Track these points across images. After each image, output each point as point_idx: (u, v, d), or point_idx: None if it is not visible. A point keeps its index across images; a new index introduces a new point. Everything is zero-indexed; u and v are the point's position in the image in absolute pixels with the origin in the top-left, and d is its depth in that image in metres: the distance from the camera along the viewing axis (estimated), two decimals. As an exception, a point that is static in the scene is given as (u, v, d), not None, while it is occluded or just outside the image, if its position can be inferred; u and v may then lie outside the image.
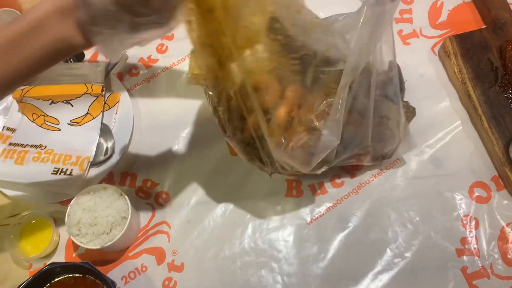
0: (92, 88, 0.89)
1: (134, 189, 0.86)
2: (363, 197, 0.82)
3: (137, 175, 0.87)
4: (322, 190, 0.84)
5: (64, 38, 0.49)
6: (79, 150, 0.86)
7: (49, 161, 0.85)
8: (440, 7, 0.99)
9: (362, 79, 0.66)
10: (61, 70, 0.93)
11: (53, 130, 0.90)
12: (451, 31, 0.96)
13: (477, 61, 0.89)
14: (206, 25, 0.54)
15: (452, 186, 0.82)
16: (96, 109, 0.89)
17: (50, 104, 0.90)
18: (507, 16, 0.92)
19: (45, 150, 0.87)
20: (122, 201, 0.76)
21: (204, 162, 0.87)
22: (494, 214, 0.80)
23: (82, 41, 0.49)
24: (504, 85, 0.86)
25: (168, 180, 0.86)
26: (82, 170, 0.84)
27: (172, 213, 0.83)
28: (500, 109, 0.85)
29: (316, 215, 0.82)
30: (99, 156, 0.87)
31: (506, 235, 0.78)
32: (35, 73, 0.53)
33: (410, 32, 0.97)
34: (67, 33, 0.49)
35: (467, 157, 0.85)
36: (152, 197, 0.85)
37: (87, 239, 0.74)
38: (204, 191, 0.85)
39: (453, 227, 0.79)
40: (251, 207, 0.83)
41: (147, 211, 0.84)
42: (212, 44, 0.56)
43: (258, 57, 0.58)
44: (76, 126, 0.90)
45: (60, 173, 0.84)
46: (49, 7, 0.48)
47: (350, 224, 0.80)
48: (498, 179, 0.83)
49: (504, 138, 0.82)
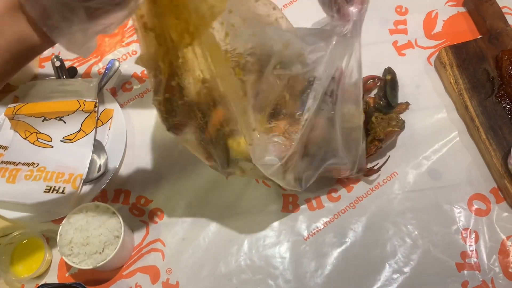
0: (85, 105, 0.88)
1: (128, 206, 0.85)
2: (360, 211, 0.81)
3: (131, 192, 0.86)
4: (318, 204, 0.82)
5: (21, 38, 0.46)
6: (72, 168, 0.85)
7: (42, 179, 0.84)
8: (435, 18, 0.99)
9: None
10: (54, 87, 0.92)
11: (45, 147, 0.89)
12: (447, 41, 0.96)
13: (473, 71, 0.88)
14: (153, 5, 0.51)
15: (450, 198, 0.81)
16: (89, 126, 0.88)
17: (42, 121, 0.89)
18: (502, 26, 0.92)
19: (37, 168, 0.86)
20: (114, 220, 0.75)
21: (198, 178, 0.85)
22: (494, 227, 0.78)
23: (41, 40, 0.46)
24: (501, 95, 0.85)
25: (162, 197, 0.84)
26: (75, 187, 0.83)
27: (166, 230, 0.82)
28: (497, 119, 0.84)
29: (313, 230, 0.80)
30: (92, 173, 0.86)
31: (507, 249, 0.77)
32: (3, 79, 0.50)
33: (405, 43, 0.96)
34: (23, 33, 0.45)
35: (465, 168, 0.84)
36: (146, 214, 0.83)
37: (79, 259, 0.73)
38: (199, 208, 0.83)
39: (452, 241, 0.78)
40: (247, 223, 0.82)
41: (141, 228, 0.83)
42: (156, 28, 0.54)
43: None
44: (69, 143, 0.88)
45: (52, 191, 0.83)
46: (1, 7, 0.45)
47: (347, 239, 0.79)
48: (497, 191, 0.81)
49: (502, 149, 0.81)
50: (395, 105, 0.88)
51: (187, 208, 0.83)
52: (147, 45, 0.56)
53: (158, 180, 0.86)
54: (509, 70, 0.85)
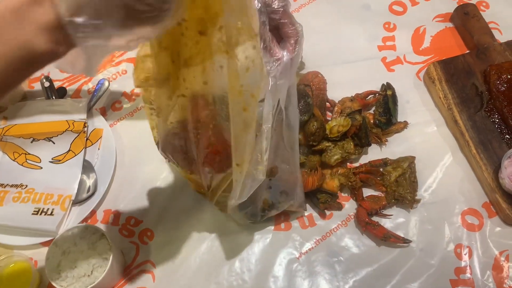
0: (74, 125, 0.87)
1: (118, 227, 0.83)
2: (352, 229, 0.80)
3: (121, 212, 0.85)
4: (310, 222, 0.82)
5: (23, 44, 0.39)
6: (61, 189, 0.84)
7: (30, 201, 0.83)
8: (423, 33, 0.99)
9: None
10: (43, 107, 0.91)
11: (34, 168, 0.88)
12: (435, 56, 0.96)
13: (461, 86, 0.89)
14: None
15: (443, 214, 0.81)
16: (78, 146, 0.88)
17: (31, 142, 0.89)
18: (489, 41, 0.93)
19: (26, 189, 0.85)
20: (103, 241, 0.74)
21: (188, 198, 0.84)
22: (487, 242, 0.78)
23: (47, 47, 0.39)
24: (490, 109, 0.86)
25: (152, 217, 0.83)
26: (63, 209, 0.82)
27: (156, 251, 0.81)
28: (487, 134, 0.84)
29: (305, 249, 0.80)
30: (82, 194, 0.85)
31: (500, 264, 0.76)
32: (4, 90, 0.42)
33: (394, 59, 0.97)
34: (26, 38, 0.38)
35: (457, 183, 0.83)
36: (135, 235, 0.82)
37: (67, 283, 0.71)
38: (189, 227, 0.82)
39: (446, 257, 0.77)
40: (238, 243, 0.81)
41: (131, 249, 0.81)
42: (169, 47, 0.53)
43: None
44: (58, 163, 0.88)
45: (41, 213, 0.82)
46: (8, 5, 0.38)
47: (340, 257, 0.78)
48: (490, 206, 0.81)
49: (492, 163, 0.81)
50: (395, 122, 0.88)
51: (178, 228, 0.82)
52: (159, 64, 0.56)
53: (148, 200, 0.85)
54: (497, 85, 0.85)
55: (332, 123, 0.85)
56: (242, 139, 0.56)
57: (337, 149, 0.84)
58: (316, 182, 0.79)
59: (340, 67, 0.96)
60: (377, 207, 0.80)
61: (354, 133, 0.85)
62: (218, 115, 0.60)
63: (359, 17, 1.02)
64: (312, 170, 0.81)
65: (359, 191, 0.82)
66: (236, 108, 0.54)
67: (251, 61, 0.51)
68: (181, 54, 0.54)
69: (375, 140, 0.87)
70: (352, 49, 0.98)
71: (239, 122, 0.55)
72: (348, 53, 0.98)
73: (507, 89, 0.85)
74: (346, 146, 0.83)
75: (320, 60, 0.96)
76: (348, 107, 0.88)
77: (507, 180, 0.76)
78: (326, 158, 0.83)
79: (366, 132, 0.84)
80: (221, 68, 0.53)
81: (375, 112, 0.90)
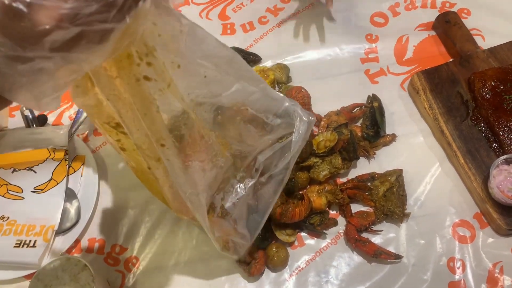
0: (55, 153, 0.86)
1: (103, 255, 0.81)
2: (342, 246, 0.79)
3: (105, 240, 0.83)
4: (300, 242, 0.80)
5: None
6: (43, 219, 0.83)
7: (12, 233, 0.81)
8: (405, 43, 0.99)
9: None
10: (23, 136, 0.90)
11: (16, 199, 0.86)
12: (419, 66, 0.95)
13: (446, 95, 0.88)
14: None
15: (433, 227, 0.79)
16: (60, 174, 0.86)
17: (12, 172, 0.87)
18: (472, 48, 0.92)
19: (7, 221, 0.83)
20: (86, 273, 0.72)
21: (175, 223, 0.83)
22: (480, 254, 0.76)
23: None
24: (476, 118, 0.84)
25: (137, 244, 0.82)
26: (46, 240, 0.80)
27: (143, 279, 0.79)
28: (474, 143, 0.82)
29: (295, 269, 0.78)
30: (65, 223, 0.83)
31: (495, 276, 0.74)
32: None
33: (377, 70, 0.96)
34: None
35: (446, 195, 0.82)
36: (121, 263, 0.80)
37: (50, 317, 0.69)
38: (176, 253, 0.80)
39: (439, 271, 0.75)
40: (228, 266, 0.79)
41: (117, 278, 0.79)
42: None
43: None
44: (40, 193, 0.86)
45: (23, 245, 0.80)
46: None
47: (330, 277, 0.76)
48: (481, 216, 0.79)
49: (481, 172, 0.80)
50: (383, 134, 0.87)
51: (164, 254, 0.80)
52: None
53: (132, 226, 0.83)
54: (482, 92, 0.84)
55: (319, 138, 0.83)
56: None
57: (325, 164, 0.82)
58: (304, 212, 0.77)
59: (324, 81, 0.95)
60: (366, 223, 0.78)
61: (341, 147, 0.83)
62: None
63: (340, 30, 1.01)
64: (299, 200, 0.79)
65: (347, 207, 0.80)
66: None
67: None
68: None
69: (363, 153, 0.86)
70: (335, 63, 0.97)
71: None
72: (331, 67, 0.97)
73: (492, 96, 0.84)
74: (334, 161, 0.82)
75: (303, 74, 0.96)
76: (334, 121, 0.87)
77: (496, 189, 0.74)
78: (314, 174, 0.82)
79: (354, 146, 0.83)
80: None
81: (363, 125, 0.88)
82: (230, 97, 0.60)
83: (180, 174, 0.58)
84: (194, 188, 0.60)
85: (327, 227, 0.80)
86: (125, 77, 0.48)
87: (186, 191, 0.59)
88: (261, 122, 0.66)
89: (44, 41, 0.34)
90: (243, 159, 0.67)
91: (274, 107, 0.66)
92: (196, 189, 0.60)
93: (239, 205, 0.68)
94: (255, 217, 0.69)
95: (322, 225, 0.79)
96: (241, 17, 1.05)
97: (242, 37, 1.02)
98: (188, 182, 0.59)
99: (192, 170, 0.60)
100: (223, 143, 0.65)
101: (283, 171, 0.68)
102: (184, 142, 0.60)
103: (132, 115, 0.51)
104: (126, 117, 0.52)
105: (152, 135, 0.53)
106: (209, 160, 0.63)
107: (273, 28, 1.03)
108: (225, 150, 0.65)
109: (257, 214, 0.69)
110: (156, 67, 0.49)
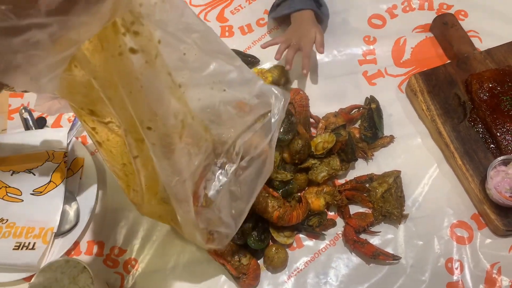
0: (54, 155, 0.86)
1: (102, 257, 0.82)
2: (340, 248, 0.79)
3: (104, 242, 0.83)
4: (298, 243, 0.80)
5: None
6: (43, 221, 0.83)
7: (11, 236, 0.81)
8: (403, 45, 0.99)
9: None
10: (22, 139, 0.90)
11: (15, 201, 0.86)
12: (416, 68, 0.96)
13: (444, 97, 0.88)
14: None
15: (431, 228, 0.79)
16: (59, 176, 0.86)
17: (11, 174, 0.87)
18: (469, 50, 0.92)
19: (6, 224, 0.83)
20: (85, 275, 0.72)
21: (173, 224, 0.83)
22: (478, 255, 0.76)
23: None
24: (473, 119, 0.85)
25: (136, 246, 0.82)
26: (45, 242, 0.80)
27: (142, 280, 0.79)
28: (472, 144, 0.83)
29: (294, 271, 0.78)
30: (64, 225, 0.83)
31: (493, 277, 0.74)
32: None
33: (375, 72, 0.96)
34: None
35: (444, 196, 0.82)
36: (120, 265, 0.80)
37: (49, 320, 0.69)
38: (175, 255, 0.80)
39: (437, 272, 0.76)
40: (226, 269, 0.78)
41: (116, 280, 0.79)
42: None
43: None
44: (39, 195, 0.86)
45: (22, 248, 0.80)
46: None
47: (329, 278, 0.76)
48: (479, 217, 0.80)
49: (479, 174, 0.80)
50: (381, 135, 0.87)
51: (163, 257, 0.80)
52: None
53: (131, 228, 0.83)
54: (479, 94, 0.85)
55: (317, 140, 0.84)
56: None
57: (323, 166, 0.82)
58: (302, 215, 0.77)
59: (322, 83, 0.96)
60: (364, 224, 0.78)
61: (340, 149, 0.84)
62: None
63: (338, 32, 1.01)
64: (297, 202, 0.79)
65: (346, 208, 0.80)
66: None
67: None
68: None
69: (361, 154, 0.86)
70: (332, 64, 0.98)
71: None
72: (329, 69, 0.97)
73: (489, 98, 0.84)
74: (332, 163, 0.82)
75: (302, 76, 0.96)
76: (332, 123, 0.88)
77: (494, 190, 0.75)
78: (313, 176, 0.82)
79: (352, 148, 0.83)
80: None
81: (361, 126, 0.89)
82: (208, 77, 0.59)
83: (165, 160, 0.55)
84: (180, 174, 0.57)
85: (325, 228, 0.80)
86: (109, 49, 0.45)
87: (172, 179, 0.57)
88: (240, 103, 0.64)
89: (40, 2, 0.32)
90: (223, 143, 0.65)
91: (249, 87, 0.64)
92: (182, 175, 0.58)
93: (222, 192, 0.66)
94: (238, 204, 0.68)
95: (320, 226, 0.79)
96: (239, 19, 1.05)
97: (241, 40, 1.02)
98: (174, 168, 0.57)
99: (178, 154, 0.57)
100: (204, 127, 0.63)
101: (264, 152, 0.66)
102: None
103: (115, 94, 0.49)
104: (111, 97, 0.50)
105: (137, 116, 0.51)
106: (195, 143, 0.61)
107: (271, 30, 1.03)
108: (207, 134, 0.63)
109: (241, 200, 0.68)
110: (143, 37, 0.47)
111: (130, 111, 0.50)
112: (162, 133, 0.53)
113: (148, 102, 0.51)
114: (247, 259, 0.75)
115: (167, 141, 0.55)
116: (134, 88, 0.48)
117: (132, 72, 0.47)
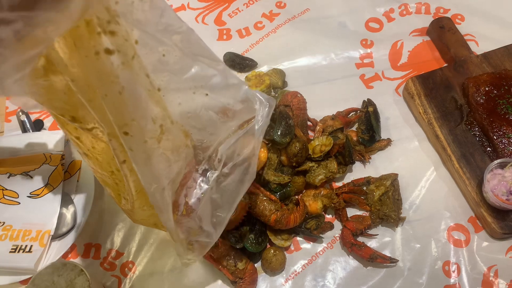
0: (51, 158, 0.86)
1: (99, 260, 0.81)
2: (338, 250, 0.79)
3: (101, 245, 0.83)
4: (296, 246, 0.80)
5: None
6: (40, 224, 0.82)
7: (7, 238, 0.81)
8: (400, 48, 0.99)
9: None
10: (19, 141, 0.90)
11: (12, 204, 0.86)
12: (413, 71, 0.96)
13: (441, 100, 0.88)
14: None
15: (429, 231, 0.79)
16: (56, 179, 0.86)
17: (8, 177, 0.87)
18: (466, 53, 0.93)
19: (3, 226, 0.83)
20: (82, 278, 0.72)
21: (171, 226, 0.83)
22: (475, 258, 0.77)
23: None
24: (470, 122, 0.85)
25: (133, 249, 0.82)
26: (42, 245, 0.80)
27: (139, 284, 0.79)
28: (469, 147, 0.83)
29: (291, 274, 0.78)
30: (61, 228, 0.83)
31: (490, 280, 0.75)
32: None
33: (372, 75, 0.96)
34: None
35: (441, 199, 0.82)
36: (117, 268, 0.80)
37: (46, 323, 0.69)
38: (172, 258, 0.80)
39: (434, 275, 0.76)
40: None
41: (113, 283, 0.79)
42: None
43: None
44: (36, 198, 0.86)
45: (19, 250, 0.80)
46: None
47: (326, 281, 0.76)
48: (475, 220, 0.80)
49: (476, 177, 0.80)
50: (378, 139, 0.87)
51: (160, 260, 0.80)
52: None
53: (129, 231, 0.83)
54: (475, 97, 0.85)
55: (315, 143, 0.84)
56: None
57: (321, 169, 0.83)
58: (299, 219, 0.77)
59: (319, 86, 0.96)
60: (362, 227, 0.78)
61: (337, 152, 0.84)
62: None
63: (336, 35, 1.02)
64: (295, 205, 0.79)
65: (343, 211, 0.81)
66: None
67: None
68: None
69: (358, 157, 0.86)
70: (330, 68, 0.98)
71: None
72: (327, 72, 0.97)
73: (486, 101, 0.85)
74: (330, 166, 0.82)
75: (299, 79, 0.96)
76: (329, 126, 0.88)
77: (491, 193, 0.75)
78: (310, 178, 0.82)
79: (349, 151, 0.83)
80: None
81: (358, 129, 0.89)
82: (190, 81, 0.57)
83: (143, 166, 0.53)
84: (158, 182, 0.55)
85: (323, 231, 0.80)
86: (84, 48, 0.42)
87: (150, 186, 0.54)
88: (223, 108, 0.62)
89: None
90: (204, 150, 0.64)
91: (233, 91, 0.62)
92: (161, 183, 0.56)
93: (204, 200, 0.64)
94: (220, 212, 0.66)
95: (318, 229, 0.79)
96: (237, 23, 1.06)
97: (238, 43, 1.03)
98: (152, 175, 0.55)
99: (156, 160, 0.55)
100: (184, 132, 0.61)
101: (247, 159, 0.64)
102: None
103: (95, 96, 0.46)
104: (91, 99, 0.47)
105: (114, 121, 0.48)
106: (175, 149, 0.59)
107: (269, 33, 1.04)
108: (187, 140, 0.61)
109: (222, 208, 0.65)
110: (119, 36, 0.45)
111: (108, 115, 0.48)
112: (139, 138, 0.51)
113: (125, 105, 0.48)
114: (243, 263, 0.75)
115: (145, 146, 0.53)
116: (110, 90, 0.46)
117: (108, 73, 0.45)
